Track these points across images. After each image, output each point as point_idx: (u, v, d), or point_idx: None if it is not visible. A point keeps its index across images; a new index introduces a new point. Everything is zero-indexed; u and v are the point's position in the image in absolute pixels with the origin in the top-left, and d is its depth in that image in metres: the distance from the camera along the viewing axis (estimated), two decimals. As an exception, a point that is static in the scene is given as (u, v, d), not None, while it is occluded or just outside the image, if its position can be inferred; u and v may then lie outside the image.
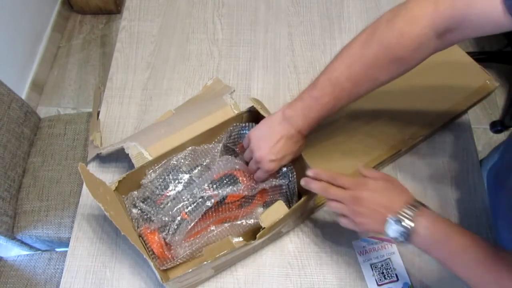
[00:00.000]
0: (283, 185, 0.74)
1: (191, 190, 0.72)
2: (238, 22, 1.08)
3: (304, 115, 0.67)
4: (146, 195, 0.75)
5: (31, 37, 1.83)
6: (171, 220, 0.71)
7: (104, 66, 1.95)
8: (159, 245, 0.71)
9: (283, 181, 0.73)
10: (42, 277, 1.02)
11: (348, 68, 0.63)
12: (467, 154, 0.88)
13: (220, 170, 0.73)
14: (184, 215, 0.70)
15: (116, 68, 1.01)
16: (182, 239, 0.71)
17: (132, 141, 0.82)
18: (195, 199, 0.71)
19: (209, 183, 0.72)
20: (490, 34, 0.55)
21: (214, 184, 0.72)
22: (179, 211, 0.70)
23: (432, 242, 0.56)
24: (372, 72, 0.62)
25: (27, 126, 1.15)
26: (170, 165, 0.77)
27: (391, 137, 0.85)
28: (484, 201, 0.83)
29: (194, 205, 0.70)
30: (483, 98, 0.91)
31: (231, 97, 0.89)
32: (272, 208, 0.69)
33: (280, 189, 0.75)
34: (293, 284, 0.76)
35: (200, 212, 0.70)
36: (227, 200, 0.72)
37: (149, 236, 0.71)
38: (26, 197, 1.10)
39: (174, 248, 0.71)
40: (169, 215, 0.71)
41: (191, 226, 0.71)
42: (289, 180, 0.73)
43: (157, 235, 0.72)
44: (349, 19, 1.08)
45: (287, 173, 0.73)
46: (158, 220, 0.71)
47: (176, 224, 0.70)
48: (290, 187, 0.74)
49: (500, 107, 1.85)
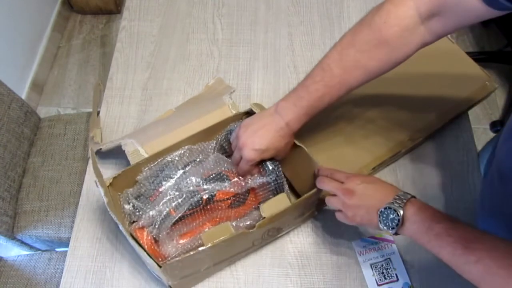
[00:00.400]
0: (271, 182, 0.73)
1: (179, 184, 0.72)
2: (238, 22, 1.08)
3: (295, 104, 0.67)
4: (140, 192, 0.75)
5: (31, 37, 1.83)
6: (158, 215, 0.70)
7: (104, 66, 1.95)
8: (148, 241, 0.70)
9: (271, 177, 0.73)
10: (42, 277, 1.02)
11: (339, 54, 0.65)
12: (467, 154, 0.89)
13: (210, 168, 0.73)
14: (171, 211, 0.70)
15: (116, 68, 1.01)
16: (168, 234, 0.70)
17: (130, 138, 0.82)
18: (183, 193, 0.71)
19: (198, 179, 0.72)
20: (472, 23, 0.58)
21: (202, 180, 0.72)
22: (165, 205, 0.70)
23: (419, 228, 0.57)
24: (360, 57, 0.64)
25: (27, 126, 1.15)
26: (165, 162, 0.77)
27: (391, 138, 0.85)
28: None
29: (181, 200, 0.70)
30: (482, 99, 0.91)
31: (229, 97, 0.89)
32: (275, 200, 0.69)
33: (269, 186, 0.74)
34: (293, 284, 0.76)
35: (186, 207, 0.69)
36: (216, 197, 0.72)
37: (137, 232, 0.71)
38: (26, 197, 1.10)
39: (162, 244, 0.70)
40: (155, 210, 0.71)
41: (181, 224, 0.70)
42: (277, 175, 0.73)
43: (146, 230, 0.71)
44: (349, 19, 1.08)
45: (274, 170, 0.73)
46: (146, 215, 0.71)
47: (162, 219, 0.69)
48: (279, 182, 0.73)
49: (500, 107, 1.85)
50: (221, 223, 0.74)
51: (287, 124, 0.68)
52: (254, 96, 0.97)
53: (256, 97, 0.97)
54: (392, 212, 0.59)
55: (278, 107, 0.69)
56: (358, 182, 0.64)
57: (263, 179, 0.73)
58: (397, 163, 0.87)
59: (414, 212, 0.58)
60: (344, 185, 0.65)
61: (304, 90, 0.67)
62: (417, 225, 0.58)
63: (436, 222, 0.56)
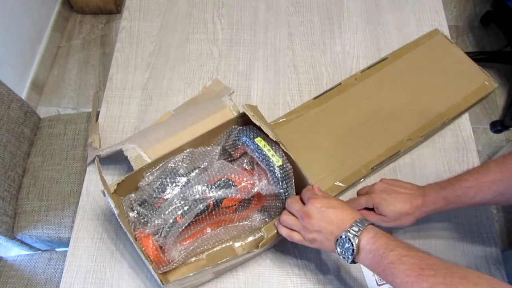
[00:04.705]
0: (281, 192, 0.72)
1: (185, 193, 0.71)
2: (238, 22, 1.08)
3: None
4: (143, 198, 0.74)
5: (31, 37, 1.83)
6: (164, 223, 0.70)
7: (104, 66, 1.95)
8: (154, 249, 0.70)
9: (279, 186, 0.71)
10: (42, 277, 1.02)
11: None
12: (467, 154, 0.89)
13: (216, 174, 0.72)
14: (179, 218, 0.69)
15: (116, 68, 1.01)
16: (174, 241, 0.70)
17: (131, 142, 0.82)
18: (189, 201, 0.70)
19: (203, 187, 0.71)
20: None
21: (208, 189, 0.71)
22: (172, 214, 0.70)
23: (374, 257, 0.56)
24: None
25: (27, 126, 1.15)
26: (167, 167, 0.76)
27: (391, 138, 0.85)
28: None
29: (187, 208, 0.69)
30: (482, 99, 0.91)
31: (230, 99, 0.89)
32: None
33: (277, 195, 0.73)
34: (293, 284, 0.76)
35: (193, 215, 0.69)
36: (223, 204, 0.71)
37: (143, 240, 0.71)
38: (26, 197, 1.10)
39: (167, 251, 0.70)
40: (161, 218, 0.70)
41: (185, 229, 0.70)
42: (287, 186, 0.71)
43: (151, 238, 0.71)
44: (349, 19, 1.08)
45: (283, 178, 0.71)
46: (152, 223, 0.70)
47: (168, 227, 0.69)
48: (289, 193, 0.72)
49: (500, 107, 1.85)
50: (223, 226, 0.74)
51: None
52: (254, 96, 0.97)
53: (256, 97, 0.97)
54: (348, 241, 0.58)
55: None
56: (318, 205, 0.62)
57: (275, 189, 0.71)
58: (396, 163, 0.87)
59: (369, 240, 0.57)
60: (304, 207, 0.63)
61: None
62: (372, 254, 0.56)
63: (390, 250, 0.54)
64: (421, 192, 0.67)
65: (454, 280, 0.47)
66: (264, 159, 0.71)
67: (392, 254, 0.54)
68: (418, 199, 0.66)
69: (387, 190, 0.69)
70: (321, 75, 0.99)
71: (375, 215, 0.69)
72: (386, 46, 1.03)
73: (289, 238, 0.65)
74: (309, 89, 0.97)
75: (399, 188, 0.69)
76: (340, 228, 0.59)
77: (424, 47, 0.97)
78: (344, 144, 0.85)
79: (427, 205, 0.66)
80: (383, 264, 0.54)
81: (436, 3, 1.10)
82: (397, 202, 0.67)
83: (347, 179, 0.82)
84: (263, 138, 0.73)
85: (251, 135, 0.74)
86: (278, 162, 0.70)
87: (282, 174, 0.70)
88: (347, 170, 0.83)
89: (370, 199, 0.70)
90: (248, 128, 0.76)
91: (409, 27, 1.06)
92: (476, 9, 2.13)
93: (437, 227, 0.81)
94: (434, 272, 0.49)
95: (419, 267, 0.51)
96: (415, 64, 0.95)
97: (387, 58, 0.96)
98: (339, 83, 0.93)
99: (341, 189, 0.81)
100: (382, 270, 0.55)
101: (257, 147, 0.72)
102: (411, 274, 0.51)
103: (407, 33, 1.05)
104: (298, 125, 0.87)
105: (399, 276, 0.52)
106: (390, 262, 0.53)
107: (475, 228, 0.81)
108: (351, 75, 0.95)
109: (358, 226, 0.58)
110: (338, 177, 0.81)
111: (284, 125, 0.88)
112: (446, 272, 0.49)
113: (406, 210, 0.66)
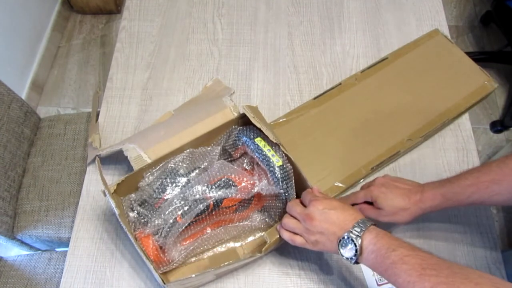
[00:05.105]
0: (281, 192, 0.71)
1: (185, 193, 0.71)
2: (238, 22, 1.08)
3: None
4: (143, 198, 0.74)
5: (31, 37, 1.83)
6: (164, 223, 0.70)
7: (104, 66, 1.95)
8: (154, 249, 0.70)
9: (279, 187, 0.71)
10: (42, 277, 1.02)
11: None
12: (467, 154, 0.89)
13: (216, 174, 0.72)
14: (179, 218, 0.69)
15: (116, 68, 1.01)
16: (174, 241, 0.70)
17: (131, 142, 0.82)
18: (189, 201, 0.70)
19: (203, 187, 0.71)
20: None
21: (208, 189, 0.71)
22: (172, 214, 0.70)
23: (376, 257, 0.56)
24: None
25: (27, 126, 1.15)
26: (167, 168, 0.76)
27: (391, 138, 0.85)
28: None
29: (187, 208, 0.69)
30: (482, 99, 0.91)
31: (230, 99, 0.89)
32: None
33: (278, 195, 0.73)
34: (293, 284, 0.76)
35: (193, 215, 0.69)
36: (223, 204, 0.71)
37: (143, 240, 0.71)
38: (26, 197, 1.10)
39: (168, 251, 0.70)
40: (161, 218, 0.70)
41: (186, 229, 0.70)
42: (287, 186, 0.71)
43: (151, 238, 0.71)
44: (349, 19, 1.08)
45: (283, 178, 0.71)
46: (152, 223, 0.70)
47: (168, 227, 0.69)
48: (289, 193, 0.72)
49: (500, 107, 1.85)
50: (223, 226, 0.74)
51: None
52: (254, 96, 0.97)
53: (256, 97, 0.97)
54: (350, 242, 0.58)
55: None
56: (320, 207, 0.62)
57: (275, 189, 0.71)
58: (396, 163, 0.87)
59: (371, 240, 0.57)
60: (305, 210, 0.64)
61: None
62: (374, 254, 0.56)
63: (392, 250, 0.54)
64: (420, 188, 0.68)
65: (456, 279, 0.48)
66: (264, 159, 0.71)
67: (394, 254, 0.54)
68: (416, 195, 0.67)
69: (386, 185, 0.69)
70: (321, 75, 1.00)
71: (372, 209, 0.69)
72: (386, 46, 1.03)
73: (292, 242, 0.65)
74: (309, 89, 0.97)
75: (399, 184, 0.69)
76: (342, 229, 0.59)
77: (424, 47, 0.97)
78: (344, 144, 0.85)
79: (424, 201, 0.66)
80: (385, 264, 0.54)
81: (436, 3, 1.10)
82: (395, 197, 0.67)
83: (347, 179, 0.82)
84: (263, 138, 0.73)
85: (251, 135, 0.74)
86: (278, 162, 0.70)
87: (282, 174, 0.70)
88: (347, 170, 0.82)
89: (369, 192, 0.70)
90: (248, 128, 0.76)
91: (409, 27, 1.06)
92: (476, 9, 2.13)
93: (437, 227, 0.81)
94: (436, 272, 0.49)
95: (421, 267, 0.51)
96: (415, 64, 0.95)
97: (387, 58, 0.96)
98: (339, 83, 0.93)
99: (341, 189, 0.81)
100: (385, 270, 0.55)
101: (257, 147, 0.72)
102: (413, 274, 0.51)
103: (407, 33, 1.05)
104: (298, 125, 0.87)
105: (401, 276, 0.52)
106: (392, 262, 0.53)
107: (475, 228, 0.81)
108: (351, 75, 0.95)
109: (360, 226, 0.58)
110: (338, 178, 0.81)
111: (284, 125, 0.88)
112: (448, 272, 0.49)
113: (403, 205, 0.66)
